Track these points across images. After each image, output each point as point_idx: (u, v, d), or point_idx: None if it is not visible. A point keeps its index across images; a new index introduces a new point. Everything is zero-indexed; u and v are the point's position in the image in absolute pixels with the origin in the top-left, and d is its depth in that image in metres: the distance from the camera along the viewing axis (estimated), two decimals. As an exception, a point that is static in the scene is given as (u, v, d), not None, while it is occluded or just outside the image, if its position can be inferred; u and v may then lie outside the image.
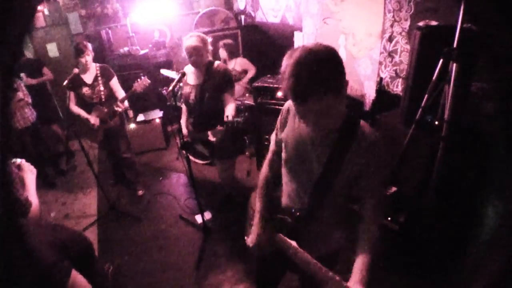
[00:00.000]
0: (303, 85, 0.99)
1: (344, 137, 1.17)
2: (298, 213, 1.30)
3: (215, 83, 2.51)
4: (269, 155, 1.53)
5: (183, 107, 2.83)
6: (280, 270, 1.70)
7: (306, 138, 1.23)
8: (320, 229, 1.33)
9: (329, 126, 1.14)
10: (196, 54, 2.44)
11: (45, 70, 4.45)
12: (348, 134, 1.17)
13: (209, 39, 2.56)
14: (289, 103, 1.34)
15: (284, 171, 1.40)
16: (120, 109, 3.21)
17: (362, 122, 1.20)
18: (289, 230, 1.32)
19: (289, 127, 1.32)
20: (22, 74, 4.14)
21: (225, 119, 2.25)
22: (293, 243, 1.26)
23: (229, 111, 2.48)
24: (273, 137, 1.48)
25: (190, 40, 2.44)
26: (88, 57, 3.09)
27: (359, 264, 1.14)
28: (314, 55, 1.00)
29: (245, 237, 1.55)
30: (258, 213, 1.44)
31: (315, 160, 1.23)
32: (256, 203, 1.47)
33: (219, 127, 2.29)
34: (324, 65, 0.99)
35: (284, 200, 1.41)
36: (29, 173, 1.75)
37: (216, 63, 2.59)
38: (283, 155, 1.36)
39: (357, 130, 1.17)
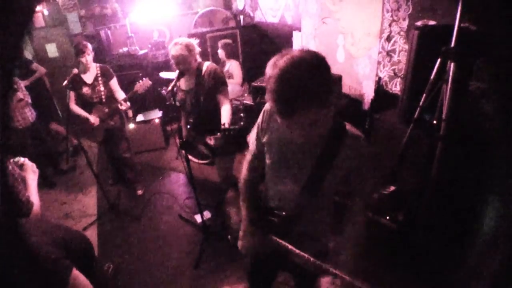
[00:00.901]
0: (289, 100, 0.94)
1: (332, 141, 1.16)
2: (284, 213, 1.30)
3: (208, 86, 2.48)
4: (248, 157, 1.49)
5: (181, 109, 2.82)
6: (273, 271, 1.70)
7: (293, 142, 1.20)
8: (308, 229, 1.33)
9: (316, 134, 1.10)
10: (182, 63, 2.40)
11: (35, 65, 4.45)
12: (336, 138, 1.16)
13: (196, 41, 2.51)
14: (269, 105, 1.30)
15: (268, 174, 1.37)
16: (124, 108, 3.20)
17: (348, 125, 1.19)
18: (277, 230, 1.31)
19: (272, 131, 1.28)
20: (15, 78, 4.12)
21: (222, 126, 2.23)
22: (284, 242, 1.27)
23: (225, 114, 2.45)
24: (252, 139, 1.43)
25: (174, 49, 2.39)
26: (88, 57, 3.10)
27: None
28: (299, 66, 0.93)
29: (228, 236, 1.56)
30: (245, 218, 1.43)
31: (302, 164, 1.21)
32: (242, 208, 1.45)
33: (218, 134, 2.28)
34: (310, 78, 0.92)
35: (270, 202, 1.39)
36: (31, 173, 1.75)
37: (206, 64, 2.53)
38: (267, 159, 1.33)
39: (344, 134, 1.16)
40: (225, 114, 2.45)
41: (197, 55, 2.51)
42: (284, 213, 1.30)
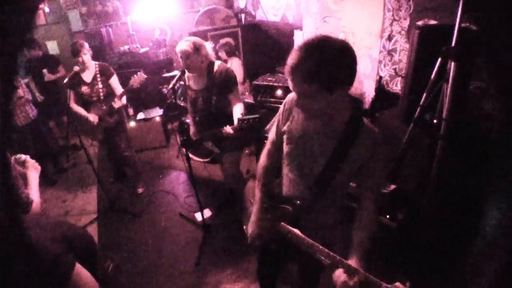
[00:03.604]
0: (297, 63, 1.04)
1: (349, 132, 1.21)
2: (298, 202, 1.34)
3: (219, 86, 2.48)
4: (268, 146, 1.55)
5: (189, 108, 2.80)
6: (281, 261, 1.72)
7: (311, 131, 1.27)
8: (320, 219, 1.37)
9: (334, 123, 1.19)
10: (186, 59, 2.41)
11: (60, 67, 4.75)
12: (353, 130, 1.21)
13: (211, 45, 2.51)
14: (293, 95, 1.34)
15: (285, 162, 1.42)
16: (117, 106, 3.18)
17: (365, 119, 1.24)
18: (290, 219, 1.35)
19: (293, 120, 1.34)
20: (44, 70, 4.47)
21: (240, 116, 2.23)
22: (296, 230, 1.29)
23: (239, 110, 2.46)
24: (273, 128, 1.50)
25: (182, 44, 2.40)
26: (85, 56, 3.08)
27: (357, 250, 1.19)
28: (326, 43, 1.04)
29: (244, 227, 1.57)
30: (257, 203, 1.48)
31: (319, 153, 1.26)
32: (256, 193, 1.50)
33: (235, 125, 2.27)
34: (326, 59, 1.01)
35: (285, 190, 1.44)
36: (33, 170, 1.75)
37: (217, 64, 2.54)
38: (285, 147, 1.38)
39: (361, 127, 1.21)
40: (239, 110, 2.47)
41: (207, 57, 2.49)
42: (298, 202, 1.34)
